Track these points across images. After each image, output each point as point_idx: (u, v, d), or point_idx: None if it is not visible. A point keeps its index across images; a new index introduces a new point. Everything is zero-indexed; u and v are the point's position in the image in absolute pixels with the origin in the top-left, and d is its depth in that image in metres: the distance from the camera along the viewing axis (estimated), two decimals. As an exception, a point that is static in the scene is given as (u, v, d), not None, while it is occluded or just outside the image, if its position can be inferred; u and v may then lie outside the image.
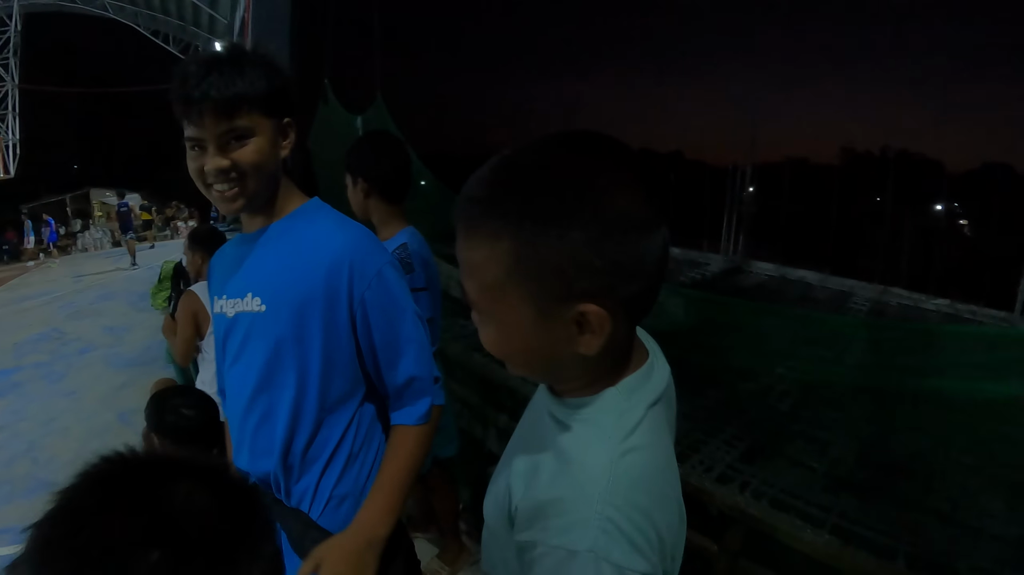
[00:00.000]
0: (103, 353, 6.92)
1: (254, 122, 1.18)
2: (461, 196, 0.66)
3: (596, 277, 0.60)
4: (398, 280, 1.28)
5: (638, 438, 0.67)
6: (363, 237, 1.29)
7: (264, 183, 1.23)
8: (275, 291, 1.25)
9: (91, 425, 5.01)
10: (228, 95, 1.13)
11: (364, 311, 1.24)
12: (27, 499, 4.08)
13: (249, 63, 1.17)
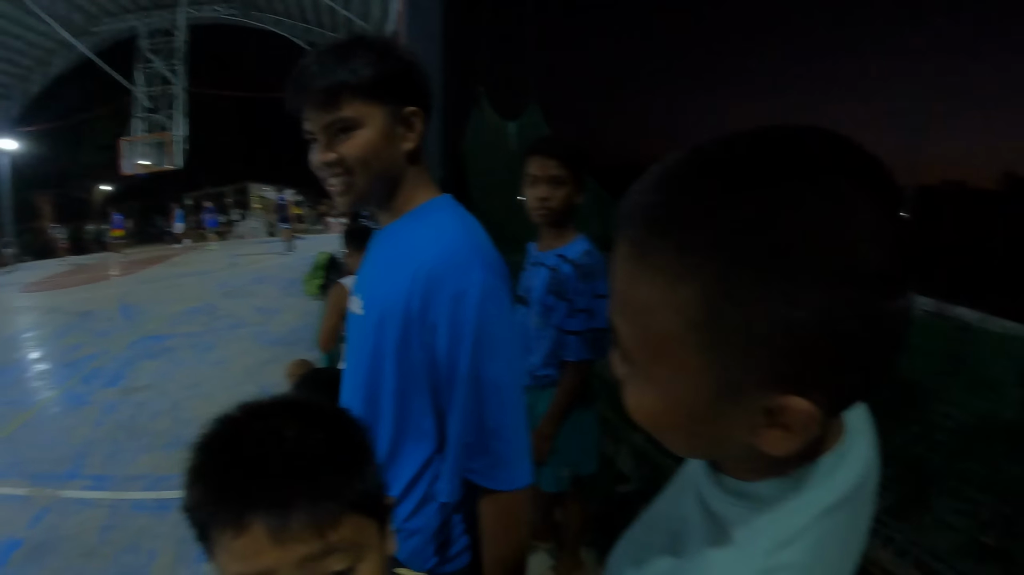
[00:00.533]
0: (252, 330, 7.63)
1: (360, 112, 1.08)
2: (628, 208, 0.49)
3: (819, 364, 0.43)
4: (485, 308, 1.04)
5: (792, 555, 0.49)
6: (459, 249, 1.08)
7: (376, 178, 1.13)
8: (371, 296, 1.17)
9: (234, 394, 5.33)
10: (327, 84, 1.07)
11: (433, 338, 1.05)
12: (164, 452, 4.54)
13: (359, 50, 1.09)
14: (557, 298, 2.14)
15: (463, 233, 1.12)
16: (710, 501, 0.57)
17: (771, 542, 0.49)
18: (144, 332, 8.43)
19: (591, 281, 2.09)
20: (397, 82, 1.11)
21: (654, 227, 0.46)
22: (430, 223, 1.15)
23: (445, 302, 1.03)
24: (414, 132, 1.15)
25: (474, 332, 1.03)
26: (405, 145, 1.14)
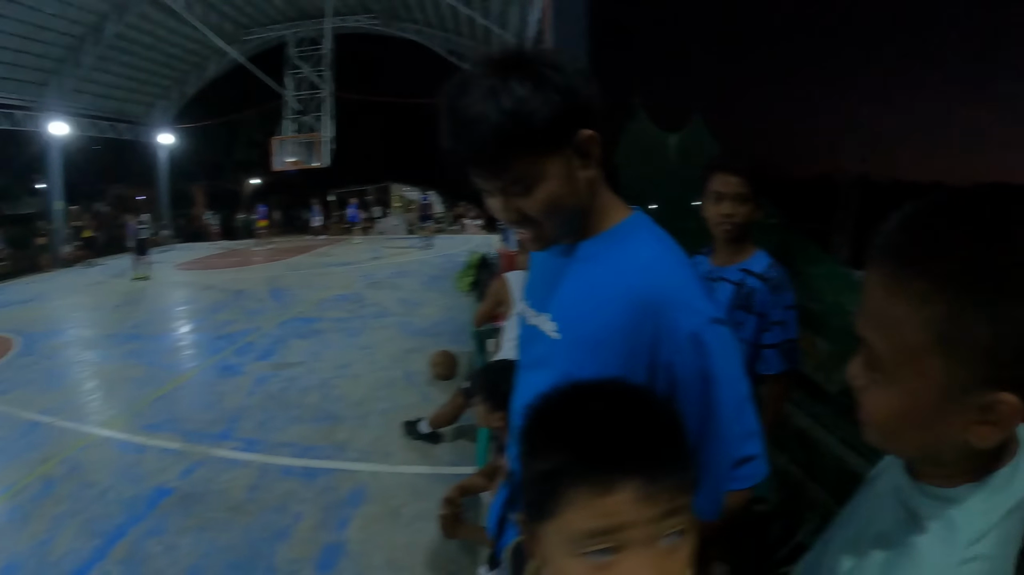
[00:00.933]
0: (396, 320, 8.06)
1: (533, 167, 1.01)
2: (882, 242, 0.64)
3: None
4: (718, 343, 1.03)
5: (984, 547, 0.63)
6: (687, 280, 1.07)
7: (566, 219, 1.10)
8: (571, 323, 1.13)
9: (380, 376, 5.84)
10: (492, 149, 0.99)
11: (672, 378, 1.03)
12: (312, 425, 4.87)
13: (519, 86, 0.97)
14: (746, 312, 2.21)
15: (673, 260, 1.09)
16: (913, 504, 0.71)
17: (967, 537, 0.64)
18: (294, 314, 9.16)
19: (781, 294, 2.20)
20: (567, 116, 1.00)
21: (904, 259, 0.61)
22: (633, 247, 1.11)
23: (680, 343, 1.01)
24: (593, 157, 1.08)
25: (713, 370, 1.02)
26: (586, 174, 1.08)
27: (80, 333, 9.72)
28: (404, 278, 11.69)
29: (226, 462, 4.34)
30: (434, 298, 9.39)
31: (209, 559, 3.22)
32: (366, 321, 8.12)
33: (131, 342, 8.49)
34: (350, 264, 14.67)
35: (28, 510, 3.98)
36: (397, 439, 4.43)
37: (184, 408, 5.56)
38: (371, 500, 3.64)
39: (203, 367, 6.77)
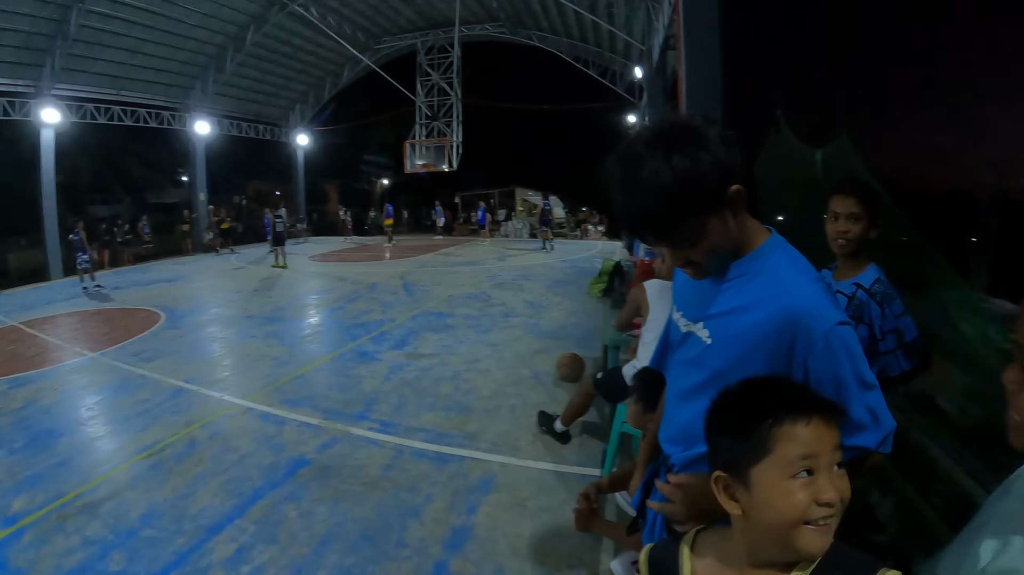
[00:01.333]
0: (523, 321, 8.21)
1: (695, 229, 1.22)
2: None
3: None
4: (845, 344, 1.23)
5: None
6: (817, 293, 1.27)
7: (723, 258, 1.32)
8: (723, 331, 1.34)
9: (509, 374, 5.98)
10: (657, 228, 1.23)
11: (807, 372, 1.24)
12: (445, 413, 5.06)
13: (676, 161, 1.15)
14: (857, 323, 2.38)
15: (805, 276, 1.29)
16: None
17: None
18: (426, 308, 9.54)
19: (888, 305, 2.40)
20: (720, 180, 1.19)
21: None
22: (773, 267, 1.31)
23: (815, 343, 1.22)
24: (740, 204, 1.26)
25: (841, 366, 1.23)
26: (736, 217, 1.27)
27: (222, 312, 10.60)
28: (529, 281, 11.85)
29: (363, 440, 4.59)
30: (559, 302, 9.48)
31: (342, 528, 3.42)
32: (494, 320, 8.33)
33: (271, 324, 9.17)
34: (476, 264, 15.08)
35: (171, 467, 4.38)
36: (525, 434, 4.53)
37: (323, 388, 5.93)
38: (499, 490, 3.74)
39: (341, 352, 7.16)
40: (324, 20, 21.61)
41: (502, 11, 22.37)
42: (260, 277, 15.08)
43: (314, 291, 12.52)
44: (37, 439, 5.20)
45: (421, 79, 23.55)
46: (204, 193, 24.52)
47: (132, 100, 21.75)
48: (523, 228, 26.23)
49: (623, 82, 22.04)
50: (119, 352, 7.98)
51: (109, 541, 3.48)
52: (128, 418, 5.48)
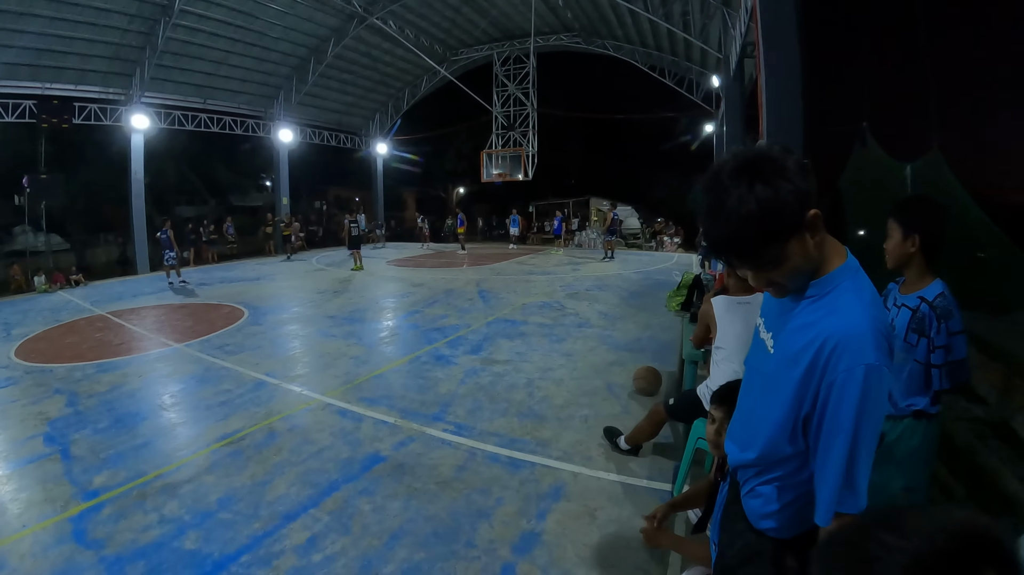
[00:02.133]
0: (597, 332, 8.20)
1: (776, 253, 1.33)
2: None
3: None
4: (864, 388, 1.28)
5: None
6: (864, 326, 1.32)
7: (803, 278, 1.42)
8: (784, 345, 1.47)
9: (582, 384, 5.99)
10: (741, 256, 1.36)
11: (824, 395, 1.33)
12: (519, 419, 5.13)
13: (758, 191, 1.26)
14: (918, 335, 2.55)
15: (861, 310, 1.34)
16: None
17: None
18: (500, 315, 9.67)
19: (947, 320, 2.49)
20: (800, 206, 1.29)
21: None
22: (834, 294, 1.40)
23: (839, 372, 1.30)
24: (818, 228, 1.34)
25: (856, 403, 1.28)
26: (814, 241, 1.36)
27: (303, 311, 11.02)
28: (603, 291, 11.82)
29: (437, 441, 4.72)
30: (633, 314, 9.42)
31: (414, 524, 3.53)
32: (568, 330, 8.35)
33: (350, 324, 9.48)
34: (550, 274, 15.14)
35: (250, 455, 4.62)
36: (597, 445, 4.55)
37: (399, 388, 6.10)
38: (569, 498, 3.78)
39: (418, 354, 7.35)
40: (402, 32, 22.43)
41: (576, 21, 22.57)
42: (340, 279, 15.61)
43: (392, 295, 12.85)
44: (121, 421, 5.59)
45: (497, 89, 23.94)
46: (287, 198, 25.79)
47: (218, 108, 23.15)
48: (597, 238, 26.16)
49: (700, 91, 21.86)
50: (203, 344, 8.45)
51: (186, 521, 3.70)
52: (210, 407, 5.81)
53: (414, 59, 24.60)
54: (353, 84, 26.35)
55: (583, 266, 16.86)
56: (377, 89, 28.05)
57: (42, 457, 4.85)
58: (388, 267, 18.42)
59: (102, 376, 7.12)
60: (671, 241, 23.81)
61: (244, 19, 19.13)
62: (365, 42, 23.11)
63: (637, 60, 23.10)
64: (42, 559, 3.41)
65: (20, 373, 7.59)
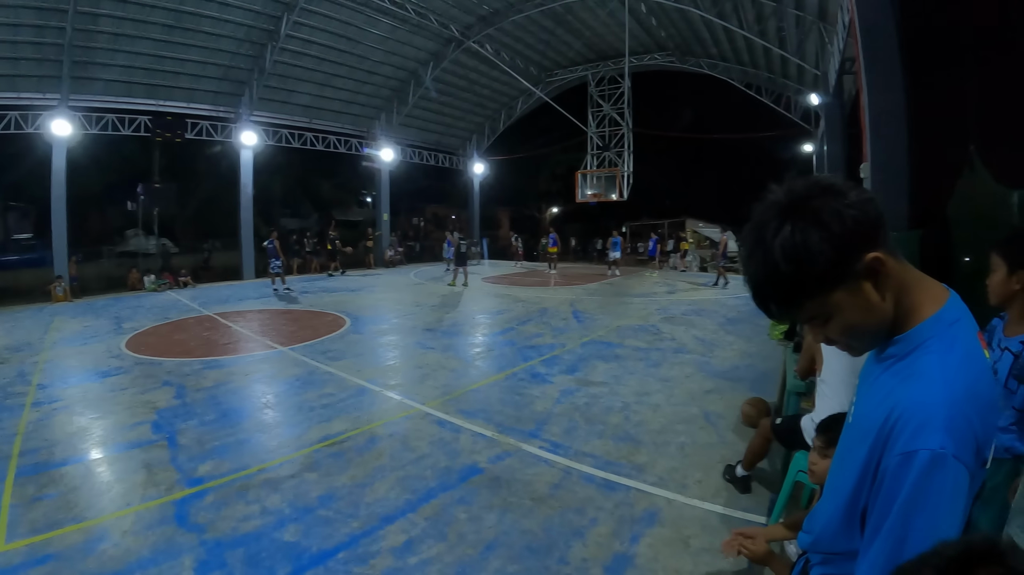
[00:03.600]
0: (694, 358, 8.10)
1: (824, 305, 1.11)
2: None
3: None
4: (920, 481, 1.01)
5: None
6: (936, 402, 1.05)
7: (870, 336, 1.18)
8: (859, 413, 1.25)
9: (679, 411, 5.94)
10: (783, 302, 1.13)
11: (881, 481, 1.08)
12: (614, 442, 5.14)
13: (796, 238, 1.06)
14: (1019, 382, 2.36)
15: (940, 378, 1.08)
16: None
17: None
18: (595, 336, 9.70)
19: None
20: (847, 250, 1.07)
21: None
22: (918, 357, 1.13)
23: (898, 454, 1.04)
24: (883, 274, 1.11)
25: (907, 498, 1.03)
26: (882, 290, 1.12)
27: (402, 323, 11.46)
28: (700, 316, 11.63)
29: (533, 457, 4.81)
30: (731, 341, 9.25)
31: (509, 537, 3.62)
32: (664, 354, 8.29)
33: (448, 337, 9.79)
34: (645, 296, 15.03)
35: (352, 457, 4.86)
36: (694, 473, 4.53)
37: (497, 403, 6.25)
38: (663, 524, 3.78)
39: (514, 371, 7.50)
40: (498, 55, 23.24)
41: (671, 40, 22.66)
42: (438, 294, 16.13)
43: (488, 311, 13.16)
44: (227, 415, 5.99)
45: (592, 110, 24.09)
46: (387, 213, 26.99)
47: (323, 128, 24.65)
48: (693, 261, 25.67)
49: (798, 109, 21.46)
50: (307, 349, 8.93)
51: (287, 514, 3.93)
52: (313, 408, 6.13)
53: (510, 81, 25.49)
54: (451, 106, 27.43)
55: (680, 290, 16.63)
56: (474, 110, 29.07)
57: (149, 443, 5.30)
58: (484, 284, 18.88)
59: (209, 372, 7.67)
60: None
61: (347, 44, 20.51)
62: (463, 65, 24.11)
63: (733, 78, 22.87)
64: (143, 536, 3.71)
65: (131, 364, 8.33)
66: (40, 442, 5.39)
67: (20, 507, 4.15)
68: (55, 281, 16.85)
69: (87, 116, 18.28)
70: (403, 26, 20.63)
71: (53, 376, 7.84)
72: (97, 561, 3.45)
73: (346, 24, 19.62)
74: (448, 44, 22.59)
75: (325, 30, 19.56)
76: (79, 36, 15.80)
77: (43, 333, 11.37)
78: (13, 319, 13.46)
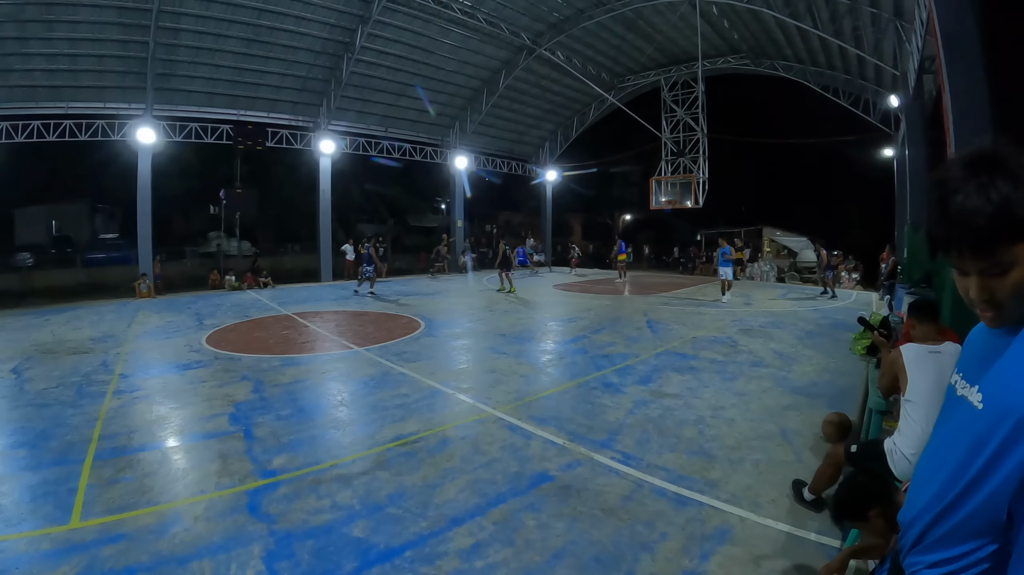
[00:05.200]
0: (771, 372, 7.90)
1: (1014, 254, 1.13)
2: None
3: None
4: None
5: None
6: None
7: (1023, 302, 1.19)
8: (995, 394, 1.21)
9: (755, 427, 5.80)
10: (981, 234, 1.13)
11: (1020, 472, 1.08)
12: (688, 456, 5.06)
13: (1002, 179, 1.11)
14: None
15: None
16: None
17: None
18: (669, 347, 9.58)
19: None
20: None
21: None
22: None
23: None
24: None
25: None
26: None
27: (475, 327, 11.60)
28: (777, 329, 11.31)
29: (604, 468, 4.80)
30: (810, 355, 8.96)
31: (577, 547, 3.62)
32: (740, 368, 8.12)
33: (520, 343, 9.87)
34: (721, 307, 14.73)
35: (423, 457, 4.96)
36: (768, 492, 4.43)
37: (568, 411, 6.26)
38: (734, 542, 3.72)
39: (587, 379, 7.49)
40: (570, 62, 23.37)
41: (744, 42, 22.31)
42: (509, 299, 16.30)
43: (559, 318, 13.19)
44: (303, 411, 6.20)
45: (666, 115, 23.74)
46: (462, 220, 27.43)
47: (399, 136, 25.40)
48: (770, 271, 24.95)
49: (878, 112, 20.68)
50: (382, 350, 9.15)
51: (356, 510, 4.05)
52: (387, 408, 6.29)
53: (582, 87, 25.58)
54: (523, 113, 27.79)
55: (757, 300, 16.22)
56: (546, 117, 29.27)
57: (226, 434, 5.55)
58: (555, 291, 18.95)
59: (286, 369, 7.95)
60: (849, 277, 22.11)
61: (420, 54, 21.11)
62: (534, 72, 24.38)
63: (808, 80, 22.29)
64: (215, 523, 3.88)
65: (210, 358, 8.73)
66: (120, 428, 5.74)
67: (97, 487, 4.42)
68: (139, 278, 17.95)
69: (171, 125, 19.41)
70: (475, 35, 21.04)
71: (135, 367, 8.32)
72: (169, 543, 3.63)
73: (419, 35, 20.16)
74: (520, 52, 22.88)
75: (399, 41, 20.16)
76: (161, 50, 16.87)
77: (127, 326, 12.08)
78: (98, 313, 14.35)
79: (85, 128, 17.94)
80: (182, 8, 16.06)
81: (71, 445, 5.27)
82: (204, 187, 29.43)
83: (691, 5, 19.09)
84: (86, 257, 29.51)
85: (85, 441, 5.35)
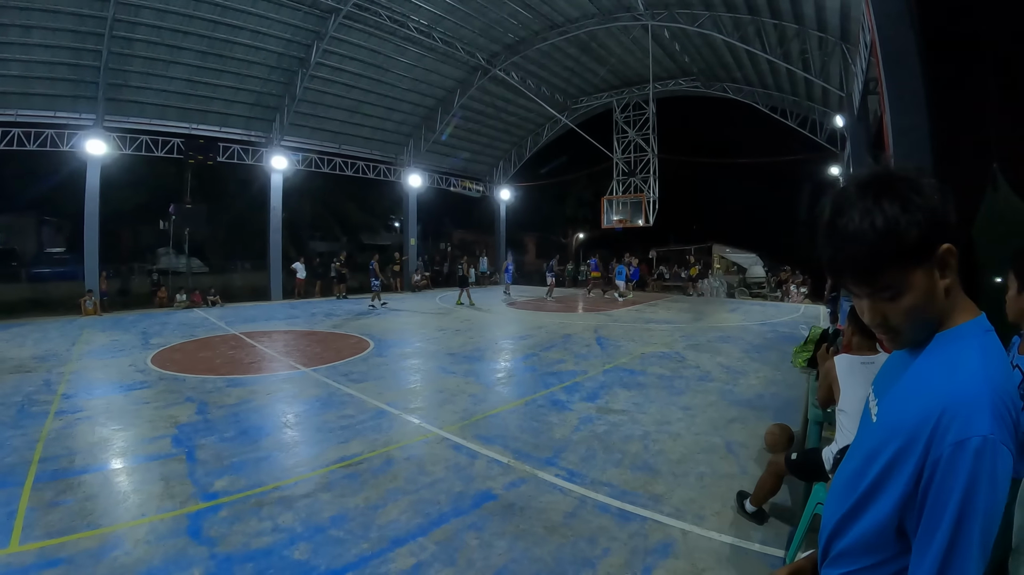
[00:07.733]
0: (718, 386, 7.98)
1: (900, 280, 1.14)
2: None
3: None
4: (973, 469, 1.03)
5: None
6: (982, 393, 1.07)
7: (923, 326, 1.21)
8: (888, 410, 1.26)
9: (700, 440, 5.83)
10: (863, 263, 1.14)
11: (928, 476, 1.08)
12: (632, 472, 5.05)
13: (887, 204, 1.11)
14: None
15: (983, 374, 1.11)
16: None
17: None
18: (617, 363, 9.61)
19: None
20: (931, 233, 1.11)
21: None
22: (953, 351, 1.17)
23: (943, 448, 1.05)
24: (951, 268, 1.16)
25: (964, 485, 1.03)
26: (944, 283, 1.17)
27: (425, 347, 11.47)
28: (725, 343, 11.49)
29: (548, 485, 4.76)
30: (757, 368, 9.10)
31: (519, 565, 3.57)
32: (688, 382, 8.18)
33: (469, 363, 9.77)
34: (670, 323, 14.90)
35: (366, 479, 4.87)
36: (712, 504, 4.44)
37: (514, 429, 6.21)
38: (677, 556, 3.70)
39: (534, 397, 7.45)
40: (524, 83, 23.73)
41: (695, 65, 22.95)
42: (463, 318, 16.22)
43: (511, 336, 13.17)
44: (246, 433, 6.06)
45: (617, 136, 24.22)
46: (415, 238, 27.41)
47: (352, 153, 25.30)
48: (720, 287, 25.41)
49: (824, 131, 21.50)
50: (329, 371, 9.01)
51: (298, 532, 3.95)
52: (332, 429, 6.17)
53: (536, 108, 25.99)
54: (478, 132, 28.03)
55: (705, 316, 16.48)
56: (501, 137, 29.58)
57: (168, 456, 5.39)
58: (508, 309, 18.96)
59: (231, 390, 7.78)
60: (797, 291, 22.69)
61: (376, 71, 21.12)
62: (489, 93, 24.63)
63: (758, 102, 23.05)
64: (156, 546, 3.76)
65: (155, 378, 8.50)
66: (61, 450, 5.56)
67: (37, 511, 4.27)
68: (85, 295, 17.50)
69: (122, 137, 19.01)
70: (430, 55, 21.13)
71: (78, 387, 8.07)
72: (109, 567, 3.52)
73: (375, 52, 20.17)
74: (475, 72, 23.05)
75: (354, 58, 20.13)
76: (115, 59, 16.53)
77: (71, 345, 11.74)
78: (42, 330, 13.95)
79: (34, 137, 17.48)
80: (137, 18, 15.78)
81: (11, 467, 5.09)
82: (154, 201, 28.72)
83: (644, 29, 19.54)
84: (31, 271, 28.84)
85: (25, 463, 5.18)
